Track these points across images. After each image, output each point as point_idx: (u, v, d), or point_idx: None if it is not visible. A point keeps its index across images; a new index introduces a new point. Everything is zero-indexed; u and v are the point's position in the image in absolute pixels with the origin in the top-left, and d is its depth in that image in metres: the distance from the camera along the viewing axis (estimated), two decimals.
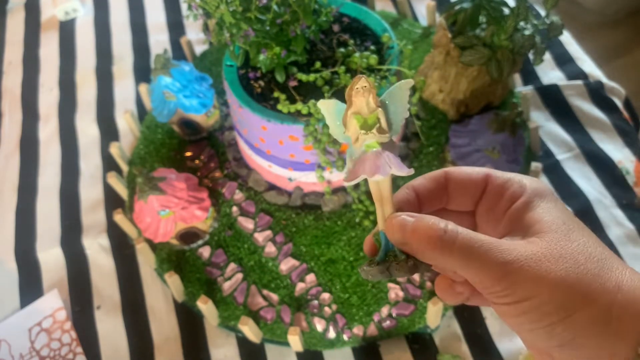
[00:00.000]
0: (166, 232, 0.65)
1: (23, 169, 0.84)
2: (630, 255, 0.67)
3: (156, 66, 0.71)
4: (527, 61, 0.84)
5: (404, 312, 0.63)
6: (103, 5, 1.04)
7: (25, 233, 0.77)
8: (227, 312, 0.65)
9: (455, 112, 0.75)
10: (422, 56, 0.83)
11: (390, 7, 0.96)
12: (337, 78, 0.60)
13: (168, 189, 0.63)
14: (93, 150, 0.84)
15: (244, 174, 0.74)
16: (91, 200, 0.79)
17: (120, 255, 0.73)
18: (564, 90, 0.81)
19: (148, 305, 0.69)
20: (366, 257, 0.67)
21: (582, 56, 0.85)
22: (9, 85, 0.95)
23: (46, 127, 0.88)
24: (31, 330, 0.69)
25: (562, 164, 0.74)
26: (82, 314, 0.70)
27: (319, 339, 0.63)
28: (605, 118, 0.78)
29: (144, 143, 0.80)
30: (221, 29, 0.59)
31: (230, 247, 0.70)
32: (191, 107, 0.74)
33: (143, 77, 0.91)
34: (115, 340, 0.67)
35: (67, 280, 0.72)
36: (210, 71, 0.87)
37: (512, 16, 0.62)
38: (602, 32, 1.56)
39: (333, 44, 0.64)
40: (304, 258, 0.68)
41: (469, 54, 0.64)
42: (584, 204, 0.70)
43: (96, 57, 0.96)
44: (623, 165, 0.73)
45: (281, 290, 0.66)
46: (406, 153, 0.73)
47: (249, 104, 0.61)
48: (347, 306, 0.64)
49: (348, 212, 0.70)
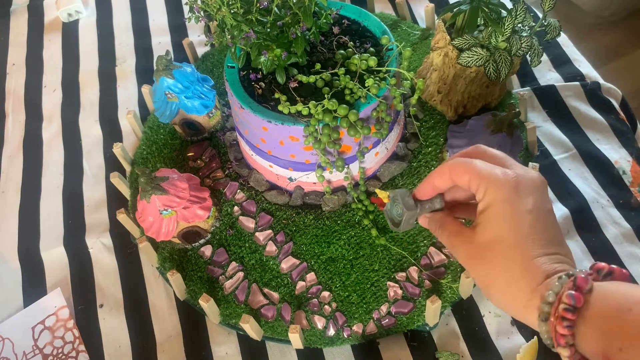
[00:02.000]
0: (168, 231, 0.66)
1: (26, 169, 0.85)
2: (627, 254, 0.67)
3: (158, 67, 0.72)
4: (524, 62, 0.84)
5: (402, 310, 0.64)
6: (106, 7, 1.05)
7: (29, 232, 0.78)
8: (228, 310, 0.66)
9: (453, 112, 0.76)
10: (420, 58, 0.84)
11: (390, 9, 0.96)
12: (337, 79, 0.60)
13: (170, 189, 0.64)
14: (96, 150, 0.85)
15: (245, 174, 0.75)
16: (94, 200, 0.80)
17: (123, 254, 0.74)
18: (561, 91, 0.81)
19: (150, 304, 0.70)
20: (364, 256, 0.68)
21: (579, 57, 0.86)
22: (13, 86, 0.96)
23: (49, 128, 0.89)
24: (34, 329, 0.69)
25: (559, 164, 0.75)
26: (85, 312, 0.70)
27: (319, 337, 0.64)
28: (602, 119, 0.79)
29: (147, 143, 0.81)
30: (223, 31, 0.59)
31: (232, 246, 0.70)
32: (193, 108, 0.74)
33: (145, 79, 0.92)
34: (118, 338, 0.68)
35: (70, 278, 0.73)
36: (212, 72, 0.88)
37: (510, 18, 0.62)
38: (599, 33, 1.57)
39: (333, 46, 0.65)
40: (304, 257, 0.68)
41: (467, 55, 0.64)
42: (580, 204, 0.71)
43: (99, 59, 0.97)
44: (620, 165, 0.74)
45: (282, 289, 0.67)
46: (405, 153, 0.73)
47: (250, 105, 0.61)
48: (346, 304, 0.65)
49: (348, 212, 0.70)
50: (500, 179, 0.37)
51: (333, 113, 0.58)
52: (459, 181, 0.40)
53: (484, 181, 0.38)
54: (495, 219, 0.37)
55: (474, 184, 0.38)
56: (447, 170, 0.40)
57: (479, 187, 0.38)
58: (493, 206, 0.37)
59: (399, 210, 0.44)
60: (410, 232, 0.68)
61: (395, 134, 0.71)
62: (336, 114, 0.58)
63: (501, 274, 0.37)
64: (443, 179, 0.41)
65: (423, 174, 0.72)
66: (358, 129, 0.59)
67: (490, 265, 0.37)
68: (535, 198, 0.37)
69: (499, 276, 0.37)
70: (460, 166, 0.39)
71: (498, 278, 0.37)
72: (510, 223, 0.37)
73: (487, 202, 0.38)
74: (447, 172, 0.40)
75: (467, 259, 0.40)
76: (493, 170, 0.38)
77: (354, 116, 0.58)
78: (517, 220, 0.36)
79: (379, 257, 0.67)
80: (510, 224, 0.37)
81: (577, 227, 0.70)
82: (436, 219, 0.44)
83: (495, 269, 0.37)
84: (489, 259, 0.37)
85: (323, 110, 0.57)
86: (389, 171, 0.72)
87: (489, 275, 0.38)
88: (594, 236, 0.69)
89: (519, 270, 0.36)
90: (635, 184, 0.73)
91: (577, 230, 0.69)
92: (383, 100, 0.59)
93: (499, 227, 0.37)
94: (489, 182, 0.37)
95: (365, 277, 0.66)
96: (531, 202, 0.37)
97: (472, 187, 0.39)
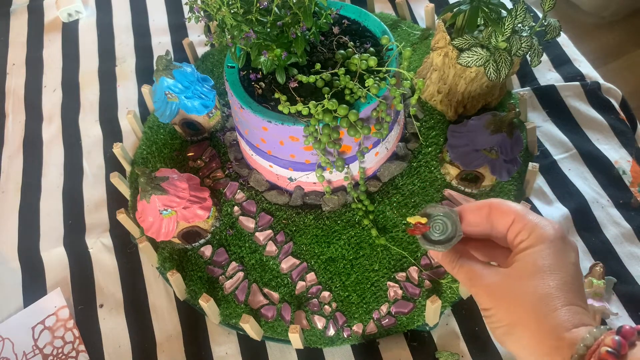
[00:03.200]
0: (168, 231, 0.66)
1: (27, 169, 0.85)
2: (627, 254, 0.67)
3: (158, 67, 0.72)
4: (524, 62, 0.84)
5: (403, 310, 0.64)
6: (106, 7, 1.05)
7: (29, 232, 0.78)
8: (228, 310, 0.66)
9: (453, 112, 0.76)
10: (421, 58, 0.84)
11: (390, 9, 0.96)
12: (337, 79, 0.60)
13: (170, 189, 0.64)
14: (96, 150, 0.85)
15: (245, 174, 0.75)
16: (94, 200, 0.80)
17: (123, 254, 0.74)
18: (561, 91, 0.81)
19: (150, 304, 0.70)
20: (364, 256, 0.68)
21: (579, 57, 0.86)
22: (13, 86, 0.96)
23: (49, 128, 0.89)
24: (34, 329, 0.69)
25: (559, 164, 0.75)
26: (85, 312, 0.70)
27: (319, 337, 0.64)
28: (602, 118, 0.79)
29: (147, 143, 0.81)
30: (223, 31, 0.59)
31: (232, 246, 0.70)
32: (193, 108, 0.74)
33: (145, 79, 0.92)
34: (118, 338, 0.68)
35: (70, 278, 0.73)
36: (212, 72, 0.88)
37: (510, 18, 0.62)
38: (599, 33, 1.57)
39: (333, 46, 0.65)
40: (304, 257, 0.68)
41: (467, 55, 0.65)
42: (580, 204, 0.71)
43: (99, 59, 0.97)
44: (619, 165, 0.74)
45: (282, 289, 0.67)
46: (405, 153, 0.73)
47: (250, 105, 0.61)
48: (346, 304, 0.65)
49: (348, 212, 0.70)
50: (548, 226, 0.39)
51: (333, 113, 0.58)
52: (499, 220, 0.40)
53: (529, 224, 0.39)
54: (542, 260, 0.37)
55: (517, 226, 0.39)
56: (487, 208, 0.41)
57: (523, 229, 0.39)
58: (540, 250, 0.38)
59: (447, 229, 0.42)
60: None
61: (395, 134, 0.71)
62: (336, 114, 0.58)
63: (534, 314, 0.36)
64: (479, 216, 0.42)
65: (423, 173, 0.73)
66: (358, 129, 0.59)
67: (525, 305, 0.37)
68: (576, 254, 0.39)
69: (531, 317, 0.36)
70: (505, 206, 0.40)
71: (529, 318, 0.36)
72: (555, 268, 0.37)
73: (530, 244, 0.38)
74: (486, 209, 0.41)
75: (494, 293, 0.39)
76: (539, 217, 0.39)
77: (354, 116, 0.58)
78: (563, 268, 0.37)
79: (379, 257, 0.67)
80: (555, 269, 0.37)
81: (577, 227, 0.70)
82: (457, 250, 0.42)
83: (530, 309, 0.36)
84: (525, 298, 0.37)
85: (323, 110, 0.57)
86: (389, 171, 0.72)
87: (518, 313, 0.37)
88: (594, 236, 0.69)
89: (555, 315, 0.35)
90: (635, 184, 0.73)
91: (577, 230, 0.69)
92: (383, 100, 0.59)
93: (544, 269, 0.37)
94: (535, 226, 0.38)
95: (365, 277, 0.66)
96: (574, 256, 0.38)
97: (515, 228, 0.39)
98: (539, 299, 0.36)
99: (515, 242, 0.39)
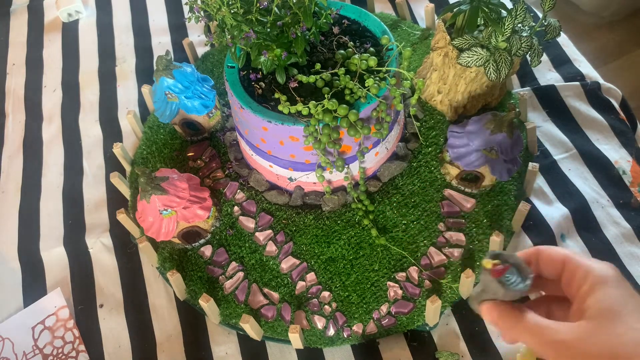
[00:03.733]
0: (168, 231, 0.66)
1: (27, 169, 0.85)
2: (627, 254, 0.67)
3: (158, 67, 0.72)
4: (524, 62, 0.84)
5: (402, 310, 0.64)
6: (106, 7, 1.05)
7: (29, 232, 0.78)
8: (228, 310, 0.66)
9: (453, 112, 0.76)
10: (421, 58, 0.84)
11: (390, 9, 0.96)
12: (337, 79, 0.60)
13: (170, 189, 0.64)
14: (96, 150, 0.85)
15: (245, 174, 0.75)
16: (94, 200, 0.80)
17: (123, 254, 0.74)
18: (561, 91, 0.81)
19: (150, 304, 0.70)
20: (364, 256, 0.68)
21: (579, 57, 0.86)
22: (13, 86, 0.96)
23: (49, 128, 0.89)
24: (34, 329, 0.69)
25: (559, 164, 0.75)
26: (85, 312, 0.70)
27: (319, 337, 0.64)
28: (602, 118, 0.79)
29: (147, 143, 0.81)
30: (223, 31, 0.59)
31: (232, 246, 0.70)
32: (193, 108, 0.74)
33: (145, 79, 0.93)
34: (118, 338, 0.68)
35: (70, 278, 0.73)
36: (212, 72, 0.88)
37: (510, 18, 0.62)
38: (599, 33, 1.57)
39: (333, 46, 0.65)
40: (304, 257, 0.68)
41: (467, 55, 0.65)
42: (580, 204, 0.71)
43: (99, 59, 0.97)
44: (619, 165, 0.74)
45: (282, 289, 0.67)
46: (405, 153, 0.73)
47: (250, 105, 0.61)
48: (346, 304, 0.65)
49: (348, 212, 0.70)
50: (603, 267, 0.38)
51: (333, 113, 0.58)
52: (549, 266, 0.40)
53: (582, 267, 0.38)
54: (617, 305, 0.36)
55: (570, 271, 0.38)
56: (535, 254, 0.40)
57: (576, 273, 0.38)
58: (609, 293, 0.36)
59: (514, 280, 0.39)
60: (410, 232, 0.68)
61: (395, 134, 0.71)
62: (336, 114, 0.58)
63: None
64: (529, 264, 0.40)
65: (423, 173, 0.73)
66: (358, 129, 0.59)
67: (619, 356, 0.35)
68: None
69: None
70: (555, 252, 0.39)
71: None
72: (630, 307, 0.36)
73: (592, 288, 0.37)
74: (534, 256, 0.40)
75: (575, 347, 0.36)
76: (590, 259, 0.38)
77: (354, 116, 0.58)
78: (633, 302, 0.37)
79: (379, 257, 0.67)
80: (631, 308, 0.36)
81: (577, 227, 0.70)
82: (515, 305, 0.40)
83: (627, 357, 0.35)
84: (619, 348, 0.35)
85: (323, 110, 0.57)
86: (389, 171, 0.72)
87: None
88: (594, 236, 0.69)
89: None
90: (635, 184, 0.73)
91: (577, 230, 0.69)
92: (383, 100, 0.59)
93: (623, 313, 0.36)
94: (590, 268, 0.37)
95: (365, 277, 0.66)
96: (630, 285, 0.38)
97: (567, 274, 0.38)
98: (637, 344, 0.34)
99: (574, 287, 0.38)
